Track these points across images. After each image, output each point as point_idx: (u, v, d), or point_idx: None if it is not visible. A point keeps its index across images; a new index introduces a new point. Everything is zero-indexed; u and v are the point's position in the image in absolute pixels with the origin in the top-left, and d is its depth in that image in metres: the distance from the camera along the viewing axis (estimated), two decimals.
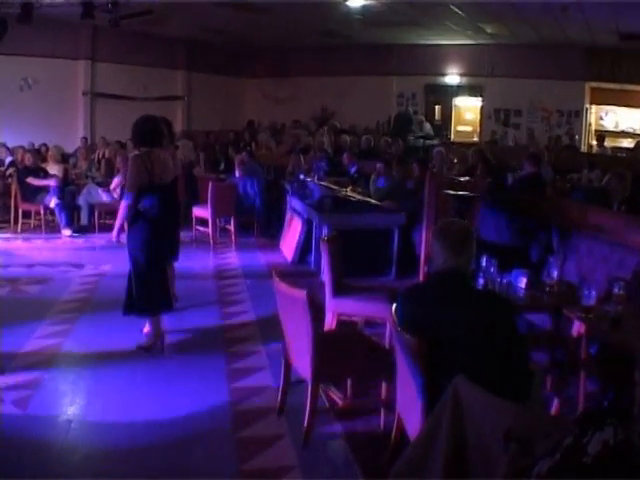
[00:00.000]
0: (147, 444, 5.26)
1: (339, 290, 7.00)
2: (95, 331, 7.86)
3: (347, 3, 15.45)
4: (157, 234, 7.14)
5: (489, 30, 18.52)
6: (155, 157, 7.05)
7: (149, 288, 7.27)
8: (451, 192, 9.23)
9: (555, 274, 6.20)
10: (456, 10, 15.77)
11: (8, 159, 15.74)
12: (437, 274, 4.36)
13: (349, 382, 5.98)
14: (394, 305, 4.41)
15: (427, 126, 22.15)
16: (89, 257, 11.67)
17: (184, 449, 5.20)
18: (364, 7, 15.83)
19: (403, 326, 4.18)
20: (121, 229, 7.37)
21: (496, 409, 3.19)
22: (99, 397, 6.11)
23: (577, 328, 5.68)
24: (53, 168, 14.67)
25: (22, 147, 16.13)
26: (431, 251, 4.37)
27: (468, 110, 23.55)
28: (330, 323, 7.03)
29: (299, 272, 10.71)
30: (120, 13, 13.65)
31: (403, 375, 4.37)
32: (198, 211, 12.94)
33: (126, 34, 18.53)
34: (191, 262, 9.38)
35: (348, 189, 11.24)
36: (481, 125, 22.30)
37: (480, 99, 22.45)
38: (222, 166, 16.36)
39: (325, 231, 9.82)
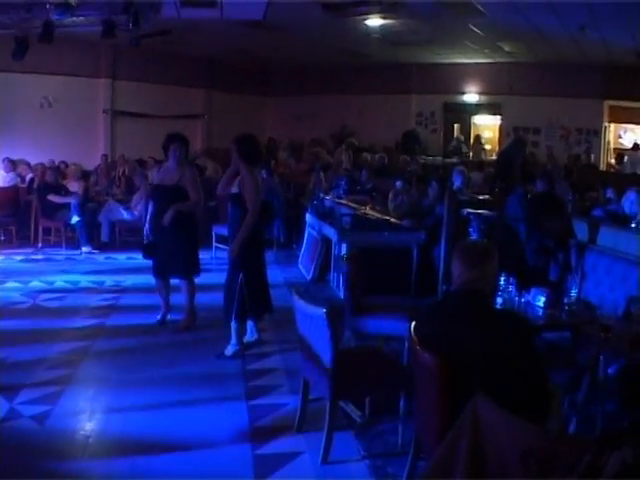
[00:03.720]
0: (165, 460, 5.28)
1: (358, 308, 7.02)
2: (115, 347, 7.93)
3: (366, 22, 15.51)
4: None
5: (507, 49, 18.55)
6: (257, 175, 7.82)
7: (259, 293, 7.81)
8: (471, 211, 9.23)
9: (574, 293, 6.19)
10: (474, 29, 15.81)
11: (29, 176, 15.89)
12: (454, 291, 4.36)
13: (367, 400, 6.00)
14: (413, 323, 4.42)
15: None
16: (109, 273, 11.76)
17: (202, 465, 5.22)
18: (382, 26, 15.88)
19: (422, 344, 4.19)
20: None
21: (515, 428, 3.19)
22: (118, 413, 6.14)
23: (596, 347, 5.66)
24: (73, 185, 14.79)
25: (42, 164, 16.28)
26: (451, 270, 4.37)
27: (487, 128, 23.57)
28: (349, 341, 7.05)
29: (318, 290, 10.73)
30: (140, 32, 13.72)
31: (422, 393, 4.38)
32: (218, 229, 12.97)
33: (146, 53, 18.64)
34: (210, 279, 9.43)
35: (367, 207, 11.25)
36: (500, 143, 22.26)
37: (499, 117, 22.44)
38: None
39: (344, 249, 9.84)
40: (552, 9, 13.13)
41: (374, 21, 15.43)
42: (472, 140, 23.00)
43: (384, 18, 15.13)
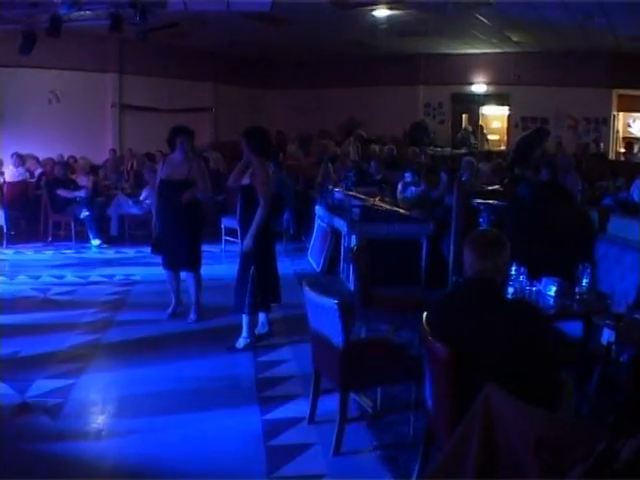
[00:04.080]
0: (178, 452, 5.29)
1: (368, 299, 7.02)
2: (125, 340, 7.96)
3: (373, 13, 15.48)
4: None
5: (515, 38, 18.48)
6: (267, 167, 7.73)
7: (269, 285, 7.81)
8: (481, 201, 9.22)
9: (585, 282, 6.18)
10: (482, 19, 15.76)
11: (38, 171, 15.91)
12: (465, 281, 4.37)
13: (379, 390, 6.01)
14: (424, 314, 4.42)
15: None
16: (119, 267, 11.79)
17: (214, 458, 5.23)
18: (390, 17, 15.84)
19: (433, 334, 4.19)
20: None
21: (527, 417, 3.19)
22: (130, 406, 6.17)
23: (607, 336, 5.66)
24: (82, 180, 14.84)
25: (51, 159, 16.32)
26: (462, 260, 4.37)
27: (495, 119, 23.52)
28: (359, 332, 7.05)
29: (328, 281, 10.73)
30: (147, 26, 13.71)
31: (433, 383, 4.38)
32: (227, 222, 12.98)
33: (153, 47, 18.59)
34: (219, 271, 9.45)
35: (376, 199, 11.23)
36: (508, 134, 22.21)
37: (507, 108, 22.37)
38: None
39: (353, 241, 9.83)
40: None
41: (381, 12, 15.40)
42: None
43: (391, 9, 15.11)
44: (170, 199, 8.41)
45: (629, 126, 21.77)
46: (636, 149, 19.61)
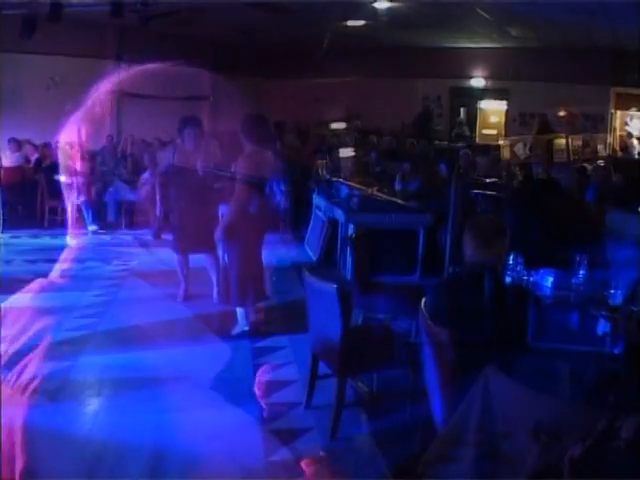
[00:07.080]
0: (174, 437, 5.32)
1: (365, 286, 7.04)
2: (122, 323, 8.00)
3: (374, 5, 15.46)
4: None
5: (514, 33, 18.46)
6: (263, 156, 7.55)
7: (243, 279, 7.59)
8: (479, 192, 9.24)
9: (581, 274, 6.21)
10: (481, 13, 15.75)
11: (34, 156, 15.89)
12: (465, 268, 4.40)
13: (375, 376, 6.04)
14: (423, 299, 4.45)
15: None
16: (116, 253, 11.78)
17: (212, 442, 5.24)
18: (390, 9, 15.83)
19: (432, 319, 4.22)
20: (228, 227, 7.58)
21: (526, 399, 3.22)
22: (127, 389, 6.18)
23: (603, 327, 5.68)
24: (80, 165, 14.82)
25: (49, 144, 16.29)
26: (462, 246, 4.40)
27: (493, 113, 23.46)
28: (357, 319, 7.07)
29: (325, 270, 10.74)
30: (149, 12, 13.70)
31: (432, 367, 4.40)
32: (224, 209, 12.96)
33: (153, 34, 18.54)
34: None
35: (374, 189, 11.24)
36: (506, 129, 22.22)
37: (505, 102, 22.38)
38: None
39: (351, 229, 9.84)
40: None
41: (381, 4, 15.38)
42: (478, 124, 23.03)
43: (392, 1, 15.09)
44: (184, 185, 8.54)
45: (626, 124, 21.78)
46: (635, 143, 19.70)
